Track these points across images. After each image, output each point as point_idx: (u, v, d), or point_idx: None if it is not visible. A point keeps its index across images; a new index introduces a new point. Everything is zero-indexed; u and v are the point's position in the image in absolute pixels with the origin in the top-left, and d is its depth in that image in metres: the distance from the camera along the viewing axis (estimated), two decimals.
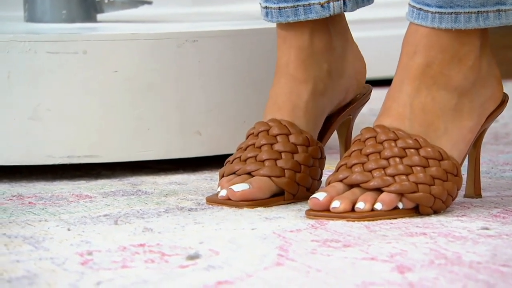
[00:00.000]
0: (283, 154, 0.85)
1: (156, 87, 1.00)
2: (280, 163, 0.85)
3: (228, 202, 0.85)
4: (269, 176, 0.85)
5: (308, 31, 0.87)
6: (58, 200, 0.90)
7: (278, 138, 0.86)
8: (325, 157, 0.88)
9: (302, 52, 0.87)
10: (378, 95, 1.51)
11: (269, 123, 0.87)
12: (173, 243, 0.75)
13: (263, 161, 0.85)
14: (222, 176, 0.87)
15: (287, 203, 0.87)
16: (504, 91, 0.87)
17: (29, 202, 0.89)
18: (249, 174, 0.85)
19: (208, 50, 1.01)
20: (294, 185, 0.85)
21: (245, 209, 0.85)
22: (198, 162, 1.04)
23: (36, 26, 1.07)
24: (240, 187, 0.85)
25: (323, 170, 0.89)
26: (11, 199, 0.90)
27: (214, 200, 0.86)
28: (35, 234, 0.78)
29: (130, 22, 1.11)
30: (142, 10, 1.19)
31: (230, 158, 0.88)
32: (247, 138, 0.88)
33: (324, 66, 0.87)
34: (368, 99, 0.94)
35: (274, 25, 0.99)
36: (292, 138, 0.86)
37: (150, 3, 1.13)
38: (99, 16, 1.13)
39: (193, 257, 0.71)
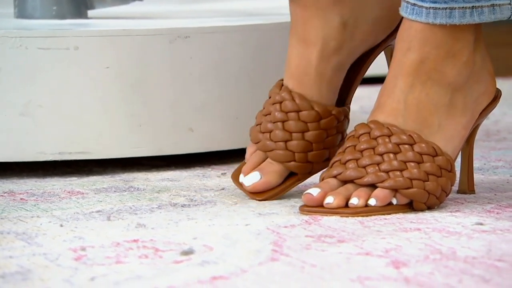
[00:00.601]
0: (293, 135, 0.84)
1: (148, 83, 1.00)
2: (290, 146, 0.84)
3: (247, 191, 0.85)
4: (280, 162, 0.84)
5: None
6: (50, 196, 0.89)
7: (289, 115, 0.85)
8: (347, 118, 0.86)
9: (306, 11, 0.84)
10: (369, 93, 1.51)
11: (283, 95, 0.85)
12: (166, 239, 0.75)
13: (275, 142, 0.85)
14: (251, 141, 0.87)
15: (281, 198, 0.87)
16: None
17: (21, 199, 0.89)
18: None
19: (200, 46, 1.01)
20: (305, 166, 0.85)
21: (238, 205, 0.85)
22: (190, 159, 1.04)
23: (26, 22, 1.07)
24: (251, 180, 0.84)
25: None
26: (2, 196, 0.90)
27: (236, 183, 0.86)
28: (27, 230, 0.78)
29: (121, 19, 1.11)
30: (133, 7, 1.19)
31: (257, 118, 0.87)
32: (269, 97, 0.87)
33: (335, 20, 0.84)
34: None
35: (267, 21, 0.98)
36: (302, 116, 0.85)
37: None
38: (90, 13, 1.12)
39: (187, 252, 0.71)
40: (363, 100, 1.47)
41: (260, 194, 0.85)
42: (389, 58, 0.90)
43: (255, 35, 1.03)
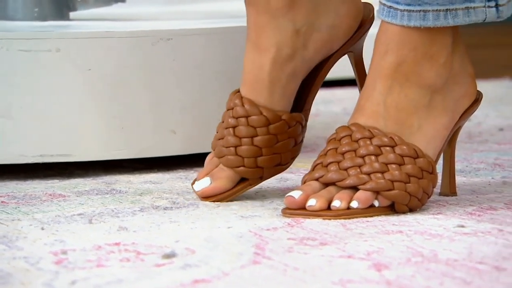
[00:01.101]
0: (243, 141, 0.85)
1: (130, 85, 0.99)
2: (239, 151, 0.85)
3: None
4: (230, 167, 0.85)
5: None
6: (31, 199, 0.89)
7: (239, 120, 0.85)
8: (300, 124, 0.86)
9: (260, 17, 0.84)
10: (350, 94, 1.52)
11: (235, 101, 0.86)
12: (148, 242, 0.74)
13: (227, 147, 0.86)
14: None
15: (263, 200, 0.87)
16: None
17: (2, 202, 0.88)
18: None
19: (183, 48, 1.00)
20: (255, 171, 0.86)
21: (220, 207, 0.85)
22: (173, 161, 1.03)
23: (7, 24, 1.06)
24: (201, 186, 0.86)
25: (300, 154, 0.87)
26: None
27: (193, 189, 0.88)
28: (8, 233, 0.77)
29: (104, 20, 1.11)
30: (116, 8, 1.18)
31: (217, 126, 0.89)
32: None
33: (288, 27, 0.83)
34: (371, 25, 0.87)
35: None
36: (251, 121, 0.85)
37: (123, 1, 1.13)
38: (72, 14, 1.12)
39: (169, 255, 0.71)
40: (346, 101, 1.47)
41: (210, 197, 0.86)
42: (353, 63, 0.90)
43: (237, 37, 1.02)
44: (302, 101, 0.88)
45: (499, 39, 2.15)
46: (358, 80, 0.90)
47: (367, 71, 0.88)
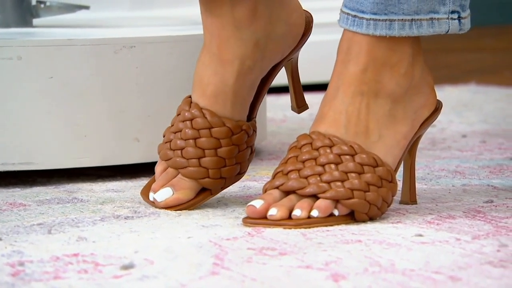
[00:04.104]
0: (206, 152, 0.85)
1: (92, 93, 0.99)
2: (203, 163, 0.85)
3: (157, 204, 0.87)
4: (194, 179, 0.85)
5: (228, 3, 0.83)
6: None
7: (201, 132, 0.85)
8: (254, 132, 0.87)
9: (224, 29, 0.84)
10: (317, 100, 1.52)
11: (193, 111, 0.86)
12: (107, 253, 0.74)
13: (187, 159, 0.85)
14: (159, 152, 0.88)
15: (225, 209, 0.87)
16: (439, 97, 0.88)
17: None
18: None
19: (146, 56, 1.00)
20: (219, 182, 0.86)
21: (181, 216, 0.85)
22: (136, 169, 1.03)
23: None
24: (163, 196, 0.85)
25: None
26: None
27: (146, 200, 0.87)
28: None
29: (67, 27, 1.10)
30: (79, 15, 1.18)
31: (166, 135, 0.87)
32: (177, 115, 0.87)
33: (250, 39, 0.84)
34: (311, 32, 0.89)
35: None
36: (214, 133, 0.85)
37: (87, 8, 1.12)
38: (35, 21, 1.11)
39: (127, 267, 0.71)
40: (313, 107, 1.47)
41: (172, 207, 0.86)
42: (289, 71, 0.91)
43: (201, 44, 1.02)
44: (252, 109, 0.89)
45: (465, 43, 2.17)
46: (292, 87, 0.91)
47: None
